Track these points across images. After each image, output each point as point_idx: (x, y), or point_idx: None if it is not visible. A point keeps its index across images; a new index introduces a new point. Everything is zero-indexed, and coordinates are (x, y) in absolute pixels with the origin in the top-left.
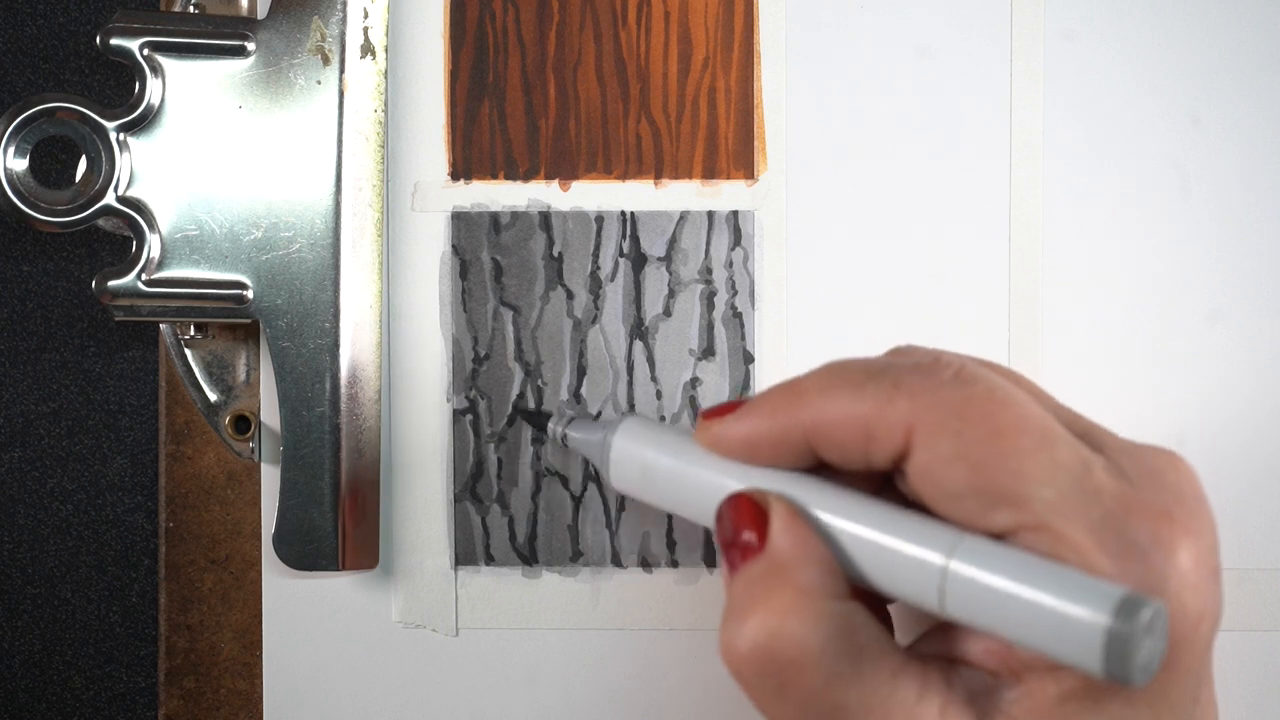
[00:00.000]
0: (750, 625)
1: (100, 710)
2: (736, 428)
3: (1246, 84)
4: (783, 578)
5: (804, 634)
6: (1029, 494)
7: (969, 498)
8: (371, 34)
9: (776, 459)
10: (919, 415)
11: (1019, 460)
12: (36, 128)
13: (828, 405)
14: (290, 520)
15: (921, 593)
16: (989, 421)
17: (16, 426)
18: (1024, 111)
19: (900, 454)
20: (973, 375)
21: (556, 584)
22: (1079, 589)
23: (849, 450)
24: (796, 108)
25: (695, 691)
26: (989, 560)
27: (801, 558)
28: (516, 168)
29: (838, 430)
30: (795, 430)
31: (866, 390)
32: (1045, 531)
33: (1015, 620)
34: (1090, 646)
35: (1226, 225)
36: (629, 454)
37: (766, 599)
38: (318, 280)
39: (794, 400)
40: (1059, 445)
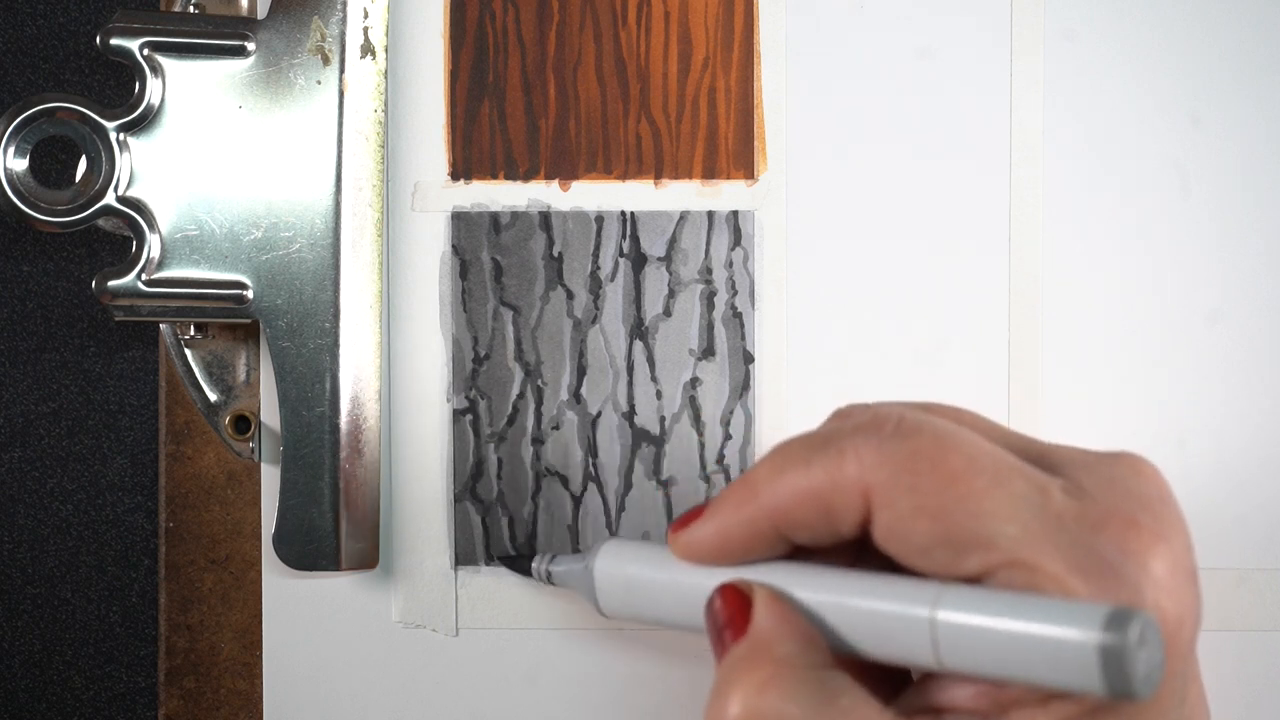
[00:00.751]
0: (733, 701)
1: (100, 710)
2: (704, 531)
3: (1246, 84)
4: (763, 654)
5: (781, 705)
6: (993, 533)
7: (937, 549)
8: (371, 34)
9: (749, 554)
10: (870, 477)
11: (977, 502)
12: (36, 128)
13: (781, 488)
14: (290, 520)
15: (915, 651)
16: (939, 469)
17: (16, 426)
18: (1024, 111)
19: (863, 519)
20: (915, 425)
21: None
22: (1064, 614)
23: (815, 527)
24: (796, 108)
25: (695, 691)
26: (972, 604)
27: (781, 634)
28: (516, 168)
29: (797, 510)
30: (760, 521)
31: (814, 464)
32: (1019, 567)
33: (1011, 658)
34: (1088, 668)
35: (1226, 225)
36: (612, 577)
37: (746, 675)
38: (318, 280)
39: (750, 492)
40: (1013, 478)
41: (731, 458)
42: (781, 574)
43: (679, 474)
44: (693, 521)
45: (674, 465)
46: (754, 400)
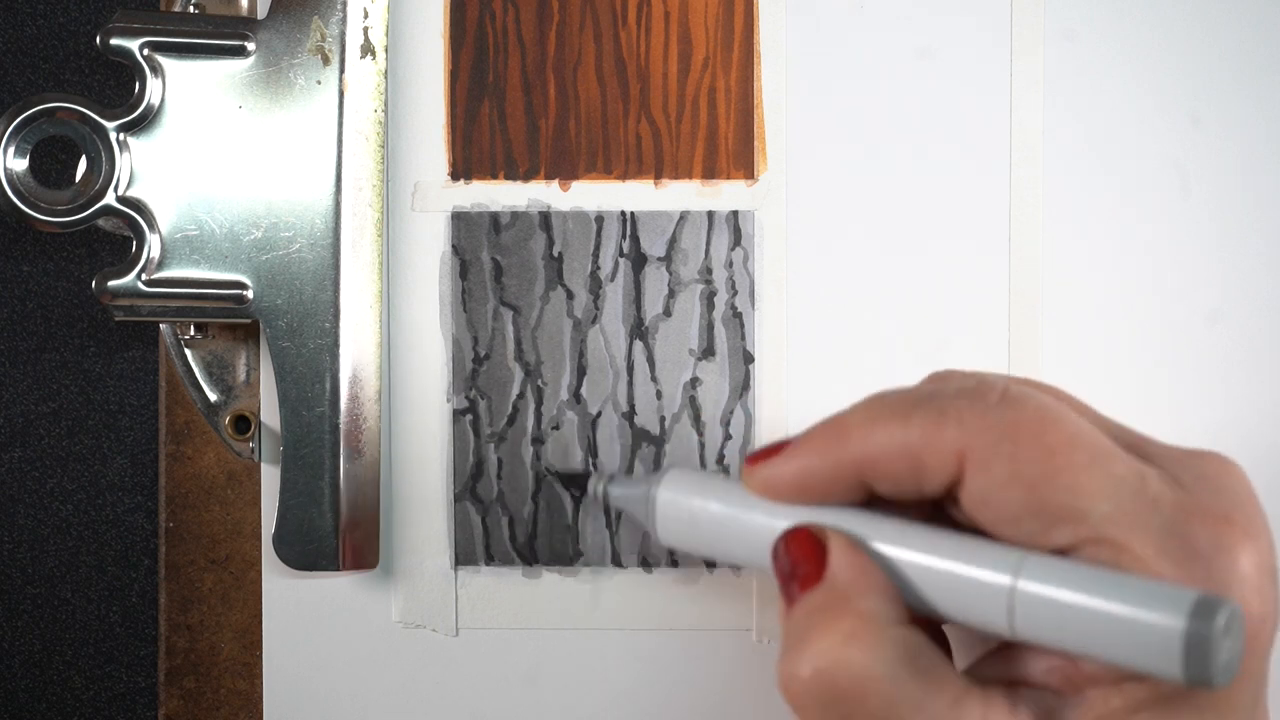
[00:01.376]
0: (811, 653)
1: (100, 710)
2: (786, 469)
3: (1246, 84)
4: (843, 605)
5: (867, 660)
6: (1087, 509)
7: (1027, 519)
8: (371, 34)
9: (828, 496)
10: (969, 441)
11: (1074, 476)
12: (36, 128)
13: (875, 438)
14: (290, 520)
15: (990, 616)
16: (1041, 441)
17: (16, 426)
18: (1024, 112)
19: (953, 481)
20: (1020, 396)
21: (556, 584)
22: (1152, 595)
23: (901, 481)
24: (796, 108)
25: (695, 691)
26: (1056, 576)
27: (862, 585)
28: (516, 168)
29: (887, 462)
30: (845, 466)
31: (913, 420)
32: (1106, 544)
33: (1088, 634)
34: (1170, 652)
35: (1226, 225)
36: (675, 505)
37: (827, 626)
38: (318, 280)
39: (840, 436)
40: (1113, 459)
41: (731, 458)
42: (858, 521)
43: None
44: (773, 457)
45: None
46: (754, 400)
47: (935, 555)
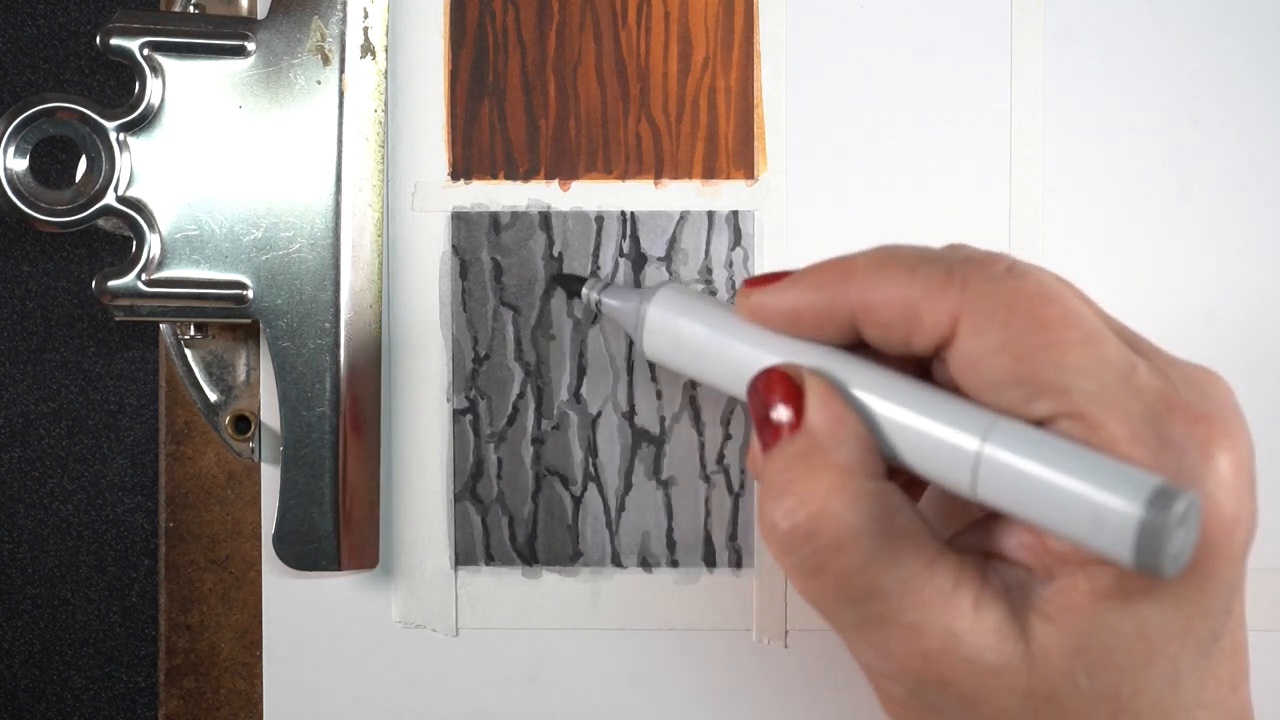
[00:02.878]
0: (789, 504)
1: (100, 710)
2: (781, 297)
3: (1246, 84)
4: (821, 456)
5: (843, 514)
6: (1070, 384)
7: (1010, 386)
8: (371, 34)
9: (816, 332)
10: (968, 304)
11: (1063, 352)
12: (36, 128)
13: (878, 284)
14: (290, 520)
15: (954, 474)
16: (1037, 314)
17: (16, 426)
18: (1024, 111)
19: (942, 342)
20: (1024, 271)
21: (556, 584)
22: (1114, 476)
23: (892, 332)
24: (796, 108)
25: (695, 691)
26: (1023, 444)
27: (840, 436)
28: (516, 168)
29: (885, 310)
30: (841, 305)
31: (919, 274)
32: (1083, 420)
33: (1047, 506)
34: (1122, 536)
35: (1226, 225)
36: (664, 323)
37: (805, 478)
38: (318, 280)
39: (843, 275)
40: (1105, 342)
41: (731, 458)
42: (840, 364)
43: (679, 474)
44: (771, 284)
45: (674, 465)
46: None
47: (910, 407)
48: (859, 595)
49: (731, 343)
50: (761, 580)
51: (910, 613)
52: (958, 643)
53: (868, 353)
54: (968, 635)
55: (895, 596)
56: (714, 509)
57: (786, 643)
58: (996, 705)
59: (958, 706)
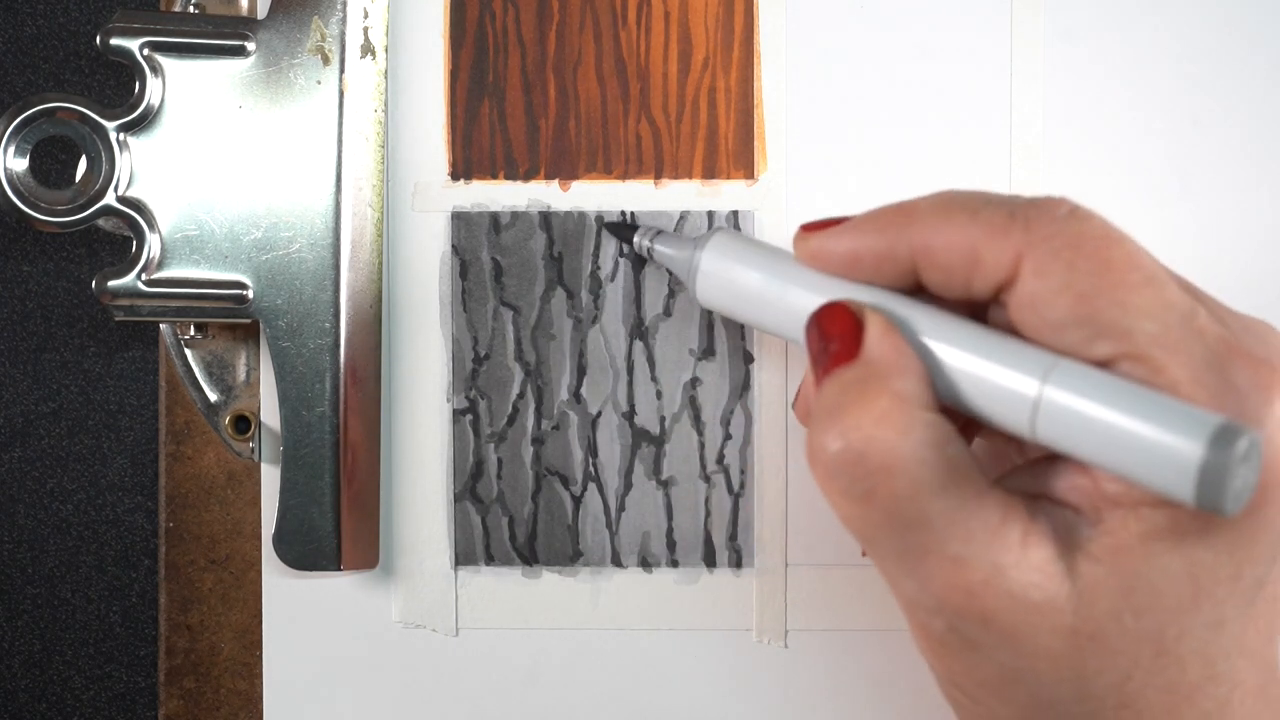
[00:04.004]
0: (842, 427)
1: (100, 710)
2: (840, 240)
3: (1246, 84)
4: (878, 383)
5: (897, 439)
6: (1132, 326)
7: (1072, 327)
8: (371, 34)
9: (876, 276)
10: (1031, 244)
11: (1126, 293)
12: (36, 128)
13: (940, 226)
14: (290, 520)
15: (1014, 414)
16: (1100, 255)
17: (16, 426)
18: (1024, 111)
19: (1004, 282)
20: (1087, 213)
21: (556, 584)
22: (1176, 415)
23: (953, 274)
24: (796, 108)
25: (695, 691)
26: (1084, 384)
27: (897, 366)
28: (516, 168)
29: (946, 252)
30: (902, 248)
31: (981, 215)
32: (1144, 362)
33: (1107, 446)
34: (1184, 473)
35: (1226, 225)
36: (717, 270)
37: (860, 402)
38: (318, 280)
39: (904, 218)
40: (1167, 286)
41: (731, 458)
42: (899, 305)
43: (679, 474)
44: (830, 227)
45: (674, 465)
46: (754, 400)
47: (969, 348)
48: (905, 523)
49: (788, 287)
50: (761, 580)
51: (955, 544)
52: (1002, 577)
53: (925, 297)
54: (1013, 570)
55: (941, 526)
56: (714, 509)
57: (786, 643)
58: (1038, 643)
59: (998, 643)
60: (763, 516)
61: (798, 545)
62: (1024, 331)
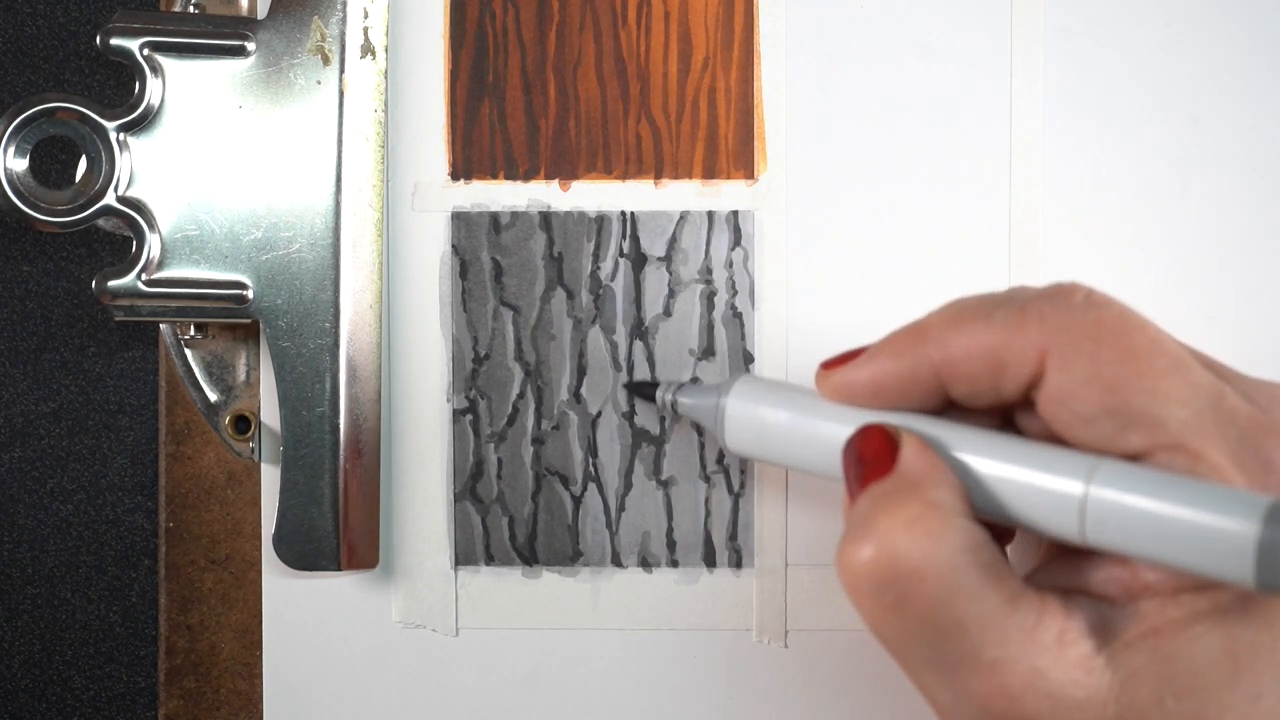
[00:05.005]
0: (875, 535)
1: (100, 710)
2: (862, 371)
3: (1246, 84)
4: (911, 493)
5: (930, 546)
6: (1165, 414)
7: (1103, 420)
8: (371, 34)
9: (903, 401)
10: (1051, 339)
11: (1154, 380)
12: (36, 128)
13: (956, 338)
14: (290, 520)
15: (1061, 520)
16: (1123, 343)
17: (16, 426)
18: (1024, 111)
19: (1032, 381)
20: (1104, 300)
21: (556, 584)
22: (1226, 500)
23: (979, 382)
24: (796, 108)
25: (695, 691)
26: (1130, 481)
27: (931, 478)
28: (516, 168)
29: (968, 362)
30: (924, 368)
31: (995, 319)
32: (1181, 451)
33: (1160, 540)
34: (1243, 557)
35: (1226, 225)
36: (744, 414)
37: (893, 510)
38: (318, 280)
39: (920, 338)
40: (1192, 369)
41: (731, 458)
42: (931, 426)
43: (679, 474)
44: (849, 361)
45: (674, 465)
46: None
47: (1008, 459)
48: (939, 630)
49: (819, 423)
50: (761, 580)
51: (992, 649)
52: (1042, 679)
53: (956, 414)
54: (1052, 670)
55: (976, 632)
56: (714, 509)
57: (786, 643)
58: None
59: None
60: (763, 516)
61: (798, 545)
62: (1056, 427)
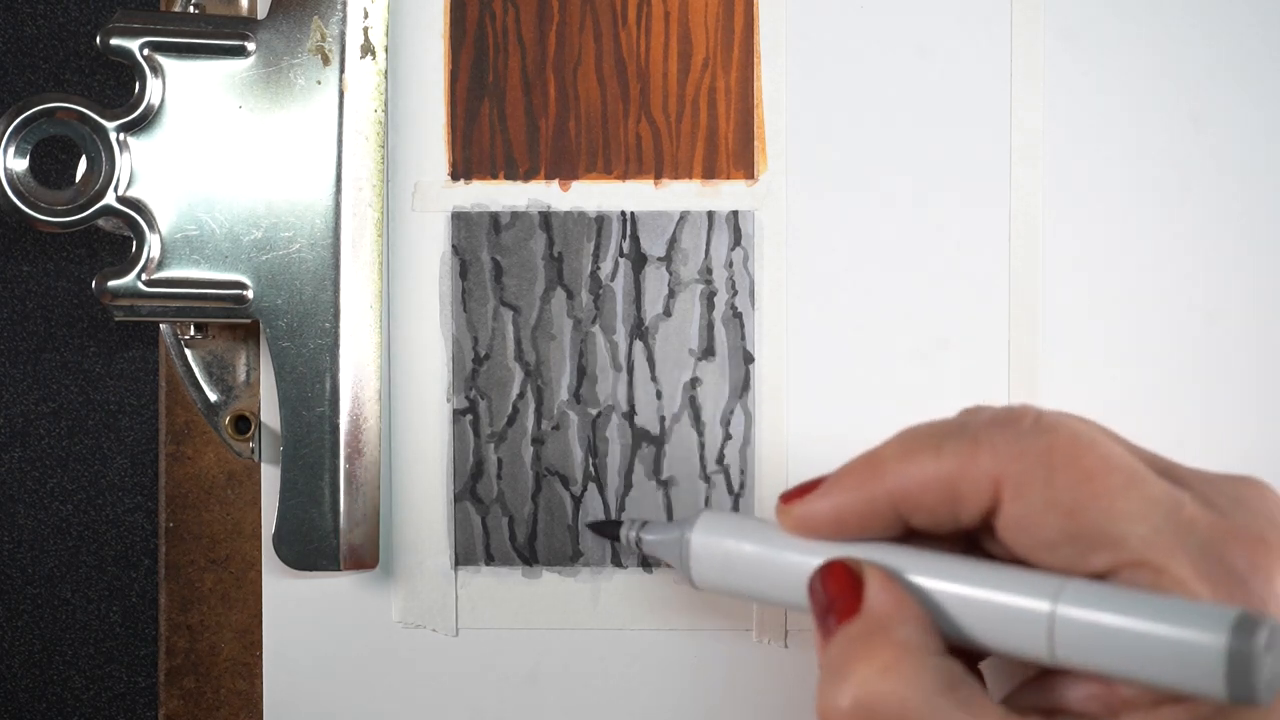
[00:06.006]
0: (851, 684)
1: (100, 710)
2: (820, 505)
3: (1246, 84)
4: (882, 635)
5: (906, 690)
6: (1124, 532)
7: (1064, 544)
8: (371, 34)
9: (864, 532)
10: (1004, 467)
11: (1111, 500)
12: (36, 128)
13: (909, 470)
14: (290, 520)
15: (1030, 643)
16: (1076, 465)
17: (16, 426)
18: (1024, 111)
19: (988, 509)
20: (1053, 422)
21: (556, 584)
22: (1193, 614)
23: (936, 512)
24: (796, 108)
25: (695, 691)
26: (1096, 600)
27: (899, 616)
28: (516, 168)
29: (923, 494)
30: (880, 500)
31: (945, 449)
32: (1144, 568)
33: (1130, 657)
34: (1213, 670)
35: (1226, 225)
36: (709, 548)
37: (866, 656)
38: (318, 280)
39: (874, 471)
40: (1148, 483)
41: (731, 458)
42: (894, 556)
43: (679, 474)
44: (807, 494)
45: (674, 465)
46: (754, 400)
47: (972, 584)
48: None
49: (783, 554)
50: None
51: None
52: None
53: (918, 540)
54: None
55: None
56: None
57: (786, 643)
58: None
59: None
60: (762, 516)
61: None
62: (1019, 553)
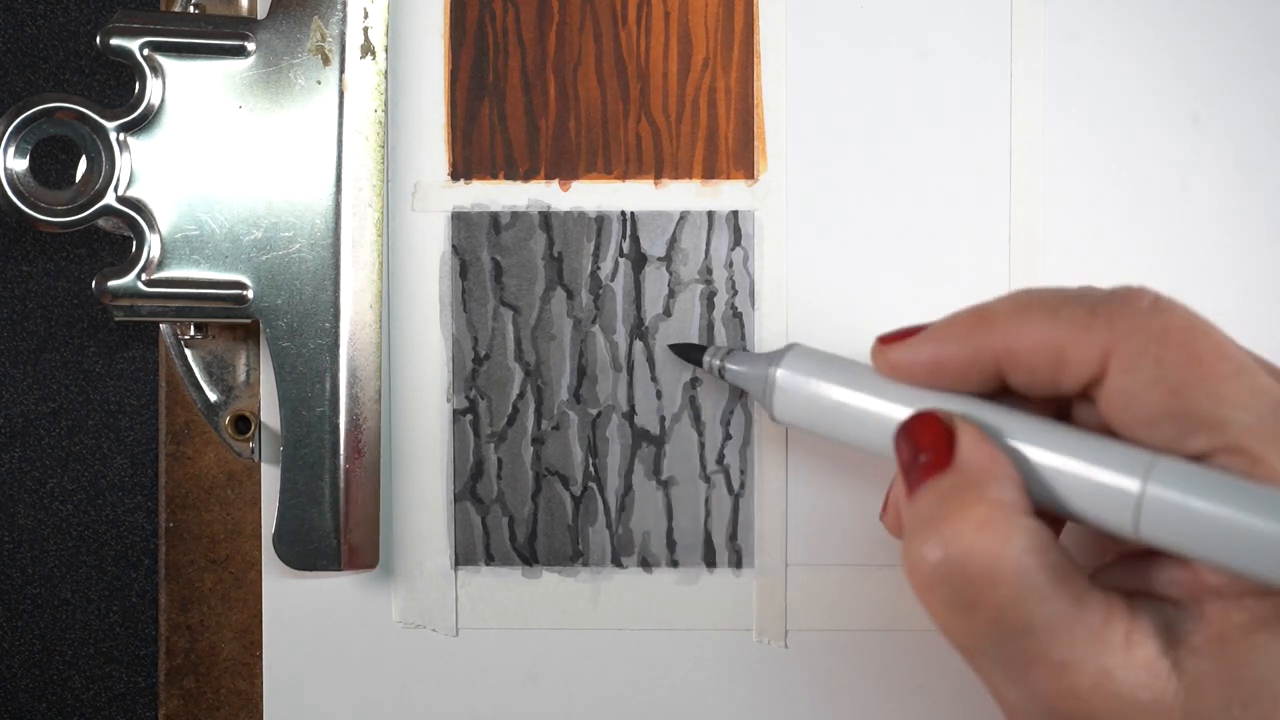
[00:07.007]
0: (942, 538)
1: (100, 710)
2: (922, 350)
3: (1246, 84)
4: (975, 491)
5: (999, 548)
6: (1226, 417)
7: (1165, 422)
8: (371, 34)
9: (960, 384)
10: (1117, 340)
11: (1217, 385)
12: (36, 128)
13: (1021, 329)
14: (290, 520)
15: (1115, 515)
16: (1188, 348)
17: (16, 426)
18: (1024, 111)
19: (1093, 380)
20: (1170, 304)
21: (556, 584)
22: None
23: (1038, 375)
24: (796, 108)
25: (695, 691)
26: (1187, 481)
27: (993, 473)
28: (516, 168)
29: (1030, 354)
30: (985, 354)
31: (1061, 315)
32: (1241, 454)
33: (1214, 541)
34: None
35: (1226, 225)
36: (795, 385)
37: (958, 511)
38: (318, 280)
39: (984, 324)
40: (1256, 374)
41: (731, 458)
42: (988, 412)
43: (679, 474)
44: (908, 338)
45: (674, 465)
46: (754, 400)
47: (1065, 452)
48: (1008, 631)
49: (872, 399)
50: (761, 580)
51: (1060, 650)
52: (1110, 680)
53: (1011, 399)
54: (1119, 672)
55: (1045, 633)
56: (714, 509)
57: (786, 643)
58: None
59: None
60: (763, 516)
61: (798, 545)
62: (1115, 427)
